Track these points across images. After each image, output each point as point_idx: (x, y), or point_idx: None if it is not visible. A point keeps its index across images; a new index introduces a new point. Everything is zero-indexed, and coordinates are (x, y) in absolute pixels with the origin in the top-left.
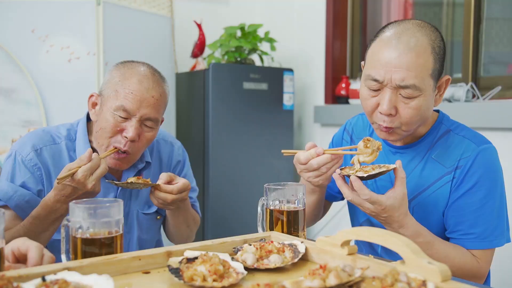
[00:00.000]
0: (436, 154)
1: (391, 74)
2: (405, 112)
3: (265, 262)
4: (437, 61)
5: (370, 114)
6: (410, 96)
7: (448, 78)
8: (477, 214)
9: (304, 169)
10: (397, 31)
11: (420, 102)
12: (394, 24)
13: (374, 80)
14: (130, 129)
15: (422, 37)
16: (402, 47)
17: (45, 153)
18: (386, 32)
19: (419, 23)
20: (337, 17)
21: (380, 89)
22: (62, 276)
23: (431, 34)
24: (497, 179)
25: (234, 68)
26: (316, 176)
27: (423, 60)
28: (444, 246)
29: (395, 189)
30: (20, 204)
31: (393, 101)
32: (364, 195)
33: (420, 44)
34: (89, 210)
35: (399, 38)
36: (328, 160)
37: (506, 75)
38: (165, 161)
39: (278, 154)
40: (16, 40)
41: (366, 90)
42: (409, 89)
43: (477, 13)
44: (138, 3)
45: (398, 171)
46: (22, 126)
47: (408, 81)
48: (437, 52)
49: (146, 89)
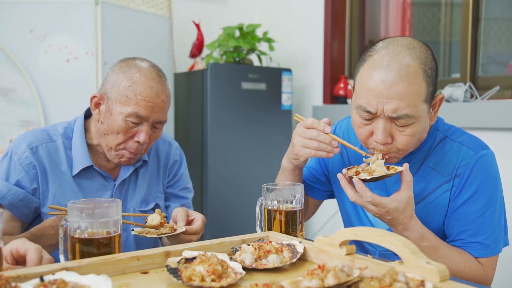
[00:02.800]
0: (433, 162)
1: (383, 105)
2: (400, 139)
3: (264, 262)
4: (430, 84)
5: (364, 141)
6: (404, 124)
7: (442, 96)
8: (479, 222)
9: (301, 132)
10: (386, 57)
11: (415, 128)
12: (382, 46)
13: (367, 111)
14: (143, 134)
15: (413, 61)
16: (393, 76)
17: (41, 151)
18: (375, 56)
19: (408, 44)
20: (335, 17)
21: (373, 118)
22: (61, 276)
23: (421, 56)
24: (496, 185)
25: (232, 68)
26: (303, 146)
27: (415, 87)
28: (450, 251)
29: (401, 192)
30: (14, 202)
31: (387, 130)
32: (367, 197)
33: (412, 71)
34: (87, 210)
35: (389, 66)
36: (325, 141)
37: (505, 75)
38: (162, 160)
39: (277, 154)
40: (15, 40)
41: (359, 119)
42: (403, 119)
43: (475, 13)
44: (136, 3)
45: (404, 174)
46: (21, 126)
47: (401, 111)
48: (430, 75)
49: (156, 94)
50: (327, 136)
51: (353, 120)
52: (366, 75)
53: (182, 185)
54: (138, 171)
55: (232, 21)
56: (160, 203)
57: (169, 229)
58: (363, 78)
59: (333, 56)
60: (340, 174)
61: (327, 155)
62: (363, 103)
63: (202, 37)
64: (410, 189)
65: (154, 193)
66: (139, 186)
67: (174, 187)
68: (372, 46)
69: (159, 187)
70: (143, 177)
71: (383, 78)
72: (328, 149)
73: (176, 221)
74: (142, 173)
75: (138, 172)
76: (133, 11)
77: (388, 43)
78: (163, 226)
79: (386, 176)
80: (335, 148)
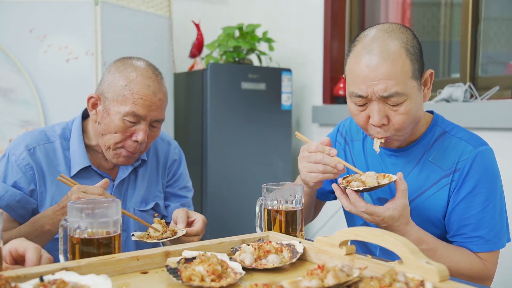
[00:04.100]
0: (433, 157)
1: (373, 88)
2: (396, 119)
3: (263, 262)
4: (414, 61)
5: (363, 127)
6: (396, 103)
7: (431, 72)
8: (479, 217)
9: (306, 157)
10: (367, 43)
11: (408, 105)
12: (362, 36)
13: (359, 96)
14: (141, 133)
15: (393, 42)
16: (376, 59)
17: (38, 153)
18: (357, 46)
19: (386, 28)
20: (335, 17)
21: (366, 102)
22: (60, 276)
23: (401, 36)
24: (496, 180)
25: (232, 68)
26: (309, 171)
27: (400, 65)
28: (448, 250)
29: (395, 200)
30: (11, 204)
31: (382, 111)
32: (360, 207)
33: (393, 51)
34: (87, 210)
35: (371, 50)
36: (331, 164)
37: (504, 75)
38: (161, 160)
39: (277, 154)
40: (15, 40)
41: (354, 106)
42: (394, 97)
43: (475, 13)
44: (136, 3)
45: (398, 183)
46: (20, 126)
47: (390, 90)
48: (412, 52)
49: (153, 92)
50: (332, 158)
51: (350, 110)
52: (352, 63)
53: (181, 184)
54: (137, 170)
55: (232, 21)
56: (159, 203)
57: (169, 232)
58: (350, 67)
59: (333, 56)
60: (334, 184)
61: (334, 177)
62: (354, 89)
63: (202, 37)
64: (405, 197)
65: (153, 193)
66: (139, 186)
67: (173, 186)
68: (355, 37)
69: (159, 186)
70: (142, 176)
71: (367, 62)
72: (334, 172)
73: (177, 223)
74: (141, 173)
75: (137, 172)
76: (133, 11)
77: (368, 32)
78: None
79: (380, 186)
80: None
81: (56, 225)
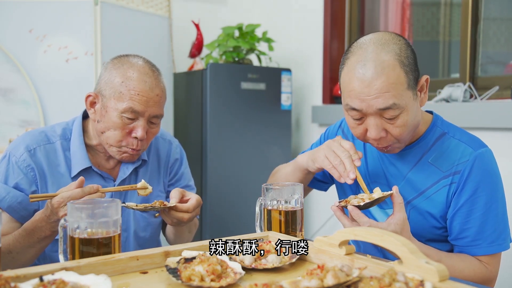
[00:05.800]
0: (432, 158)
1: (368, 102)
2: (394, 131)
3: (263, 262)
4: (409, 72)
5: (362, 139)
6: (393, 116)
7: (427, 78)
8: (482, 220)
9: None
10: (361, 57)
11: (405, 117)
12: (356, 47)
13: (354, 110)
14: (139, 129)
15: (387, 55)
16: (370, 74)
17: (39, 153)
18: (351, 59)
19: (379, 40)
20: (335, 17)
21: (363, 116)
22: (60, 276)
23: (394, 48)
24: (497, 182)
25: (232, 68)
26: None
27: (394, 78)
28: (451, 261)
29: (395, 215)
30: (13, 205)
31: (379, 125)
32: (364, 222)
33: (387, 65)
34: (87, 210)
35: (365, 65)
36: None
37: (504, 75)
38: (163, 159)
39: (276, 154)
40: (14, 40)
41: (351, 119)
42: (390, 109)
43: (474, 13)
44: (136, 3)
45: (395, 197)
46: (20, 126)
47: (386, 103)
48: (407, 64)
49: (150, 88)
50: (352, 165)
51: (347, 122)
52: (346, 78)
53: (183, 183)
54: (138, 170)
55: (232, 21)
56: None
57: (158, 203)
58: (344, 80)
59: (333, 56)
60: (333, 207)
61: (338, 177)
62: (349, 102)
63: (201, 37)
64: (403, 211)
65: (155, 192)
66: None
67: (175, 186)
68: (348, 48)
69: (160, 186)
70: (143, 176)
71: (361, 78)
72: (344, 175)
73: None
74: (142, 173)
75: (138, 172)
76: (133, 11)
77: (361, 44)
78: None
79: (379, 200)
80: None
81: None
